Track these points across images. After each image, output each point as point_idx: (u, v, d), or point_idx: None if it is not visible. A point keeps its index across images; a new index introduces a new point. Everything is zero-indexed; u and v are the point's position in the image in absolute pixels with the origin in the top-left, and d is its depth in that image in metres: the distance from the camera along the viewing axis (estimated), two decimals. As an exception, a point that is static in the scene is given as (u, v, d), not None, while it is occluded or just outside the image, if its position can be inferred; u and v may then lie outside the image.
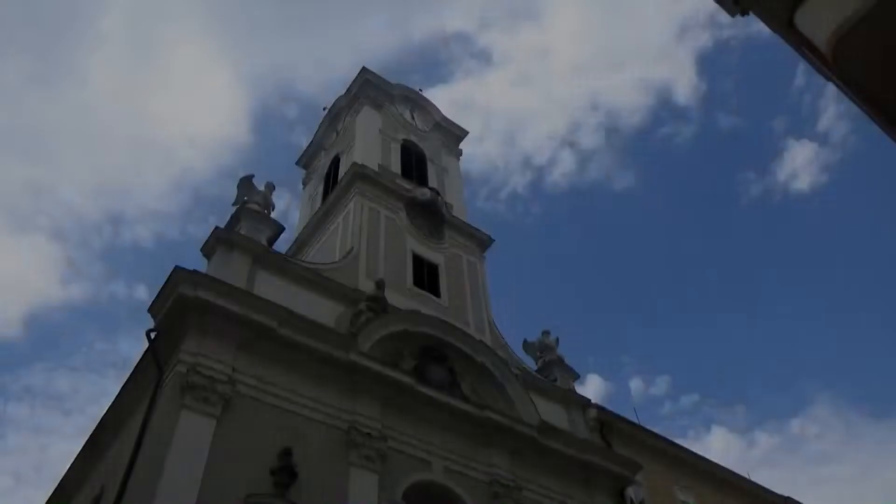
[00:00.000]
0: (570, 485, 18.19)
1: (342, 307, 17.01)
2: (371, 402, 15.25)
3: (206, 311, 13.64)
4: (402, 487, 14.59)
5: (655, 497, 21.38)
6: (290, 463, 12.90)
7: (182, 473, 11.62)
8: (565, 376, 21.86)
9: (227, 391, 13.09)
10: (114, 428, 15.29)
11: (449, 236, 22.55)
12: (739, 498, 24.64)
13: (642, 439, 22.42)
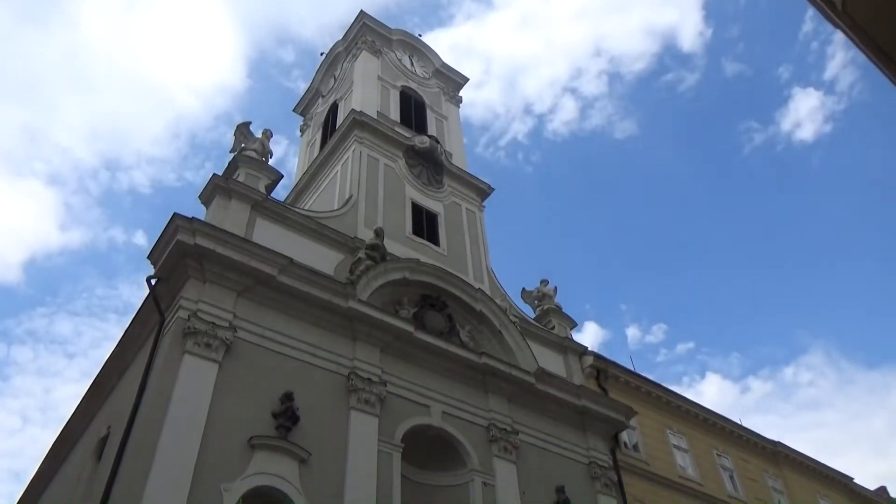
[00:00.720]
0: (566, 429, 18.66)
1: (341, 255, 17.08)
2: (370, 349, 15.48)
3: (205, 258, 13.70)
4: (401, 431, 14.95)
5: (648, 441, 21.97)
6: (291, 406, 13.19)
7: (186, 416, 11.89)
8: (562, 324, 22.14)
9: (228, 337, 13.27)
10: (118, 371, 15.57)
11: (448, 185, 22.46)
12: (730, 442, 25.33)
13: (637, 386, 22.88)
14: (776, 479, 26.18)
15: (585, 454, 18.55)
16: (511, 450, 16.59)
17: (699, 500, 21.72)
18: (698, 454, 23.49)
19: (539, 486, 16.62)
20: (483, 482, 15.56)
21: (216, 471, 11.67)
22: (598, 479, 18.19)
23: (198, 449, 11.63)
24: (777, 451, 26.88)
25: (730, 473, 24.23)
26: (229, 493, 11.58)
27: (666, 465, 21.79)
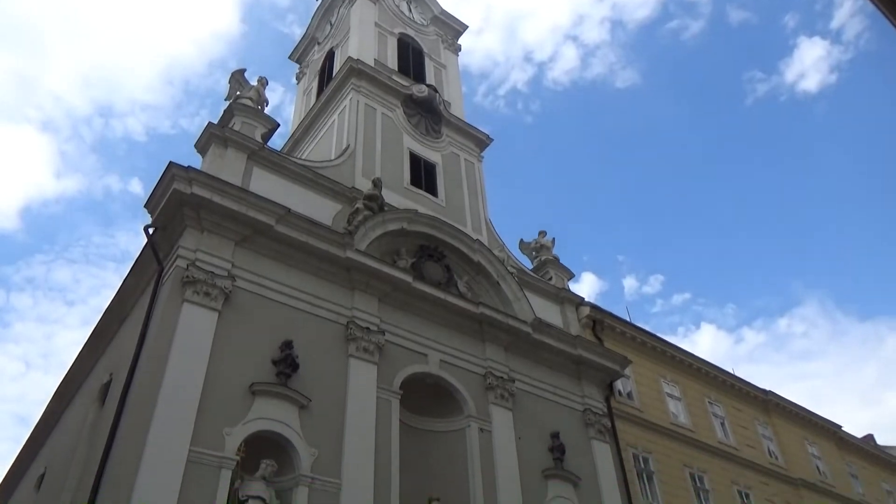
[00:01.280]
0: (562, 378, 18.98)
1: (339, 205, 17.04)
2: (369, 298, 15.59)
3: (202, 208, 13.65)
4: (399, 378, 15.20)
5: (642, 389, 22.38)
6: (291, 354, 13.36)
7: (187, 363, 12.05)
8: (560, 275, 22.27)
9: (227, 286, 13.34)
10: (118, 319, 15.71)
11: (446, 135, 22.24)
12: (722, 391, 25.81)
13: (632, 336, 23.18)
14: (766, 426, 26.79)
15: (580, 402, 18.93)
16: (507, 397, 16.90)
17: (690, 446, 22.26)
18: (691, 402, 23.96)
19: (534, 432, 17.00)
20: (479, 428, 15.90)
21: (218, 415, 11.90)
22: (592, 425, 18.60)
23: (199, 394, 11.84)
24: (768, 400, 27.44)
25: (721, 421, 24.77)
26: (231, 436, 11.83)
27: (659, 412, 22.25)
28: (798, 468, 26.20)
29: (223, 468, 11.46)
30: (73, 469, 13.81)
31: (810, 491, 25.67)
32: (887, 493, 31.64)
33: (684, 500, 20.45)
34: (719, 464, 22.85)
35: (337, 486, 12.59)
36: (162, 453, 10.91)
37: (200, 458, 11.28)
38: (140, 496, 10.33)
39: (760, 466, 24.46)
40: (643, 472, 20.03)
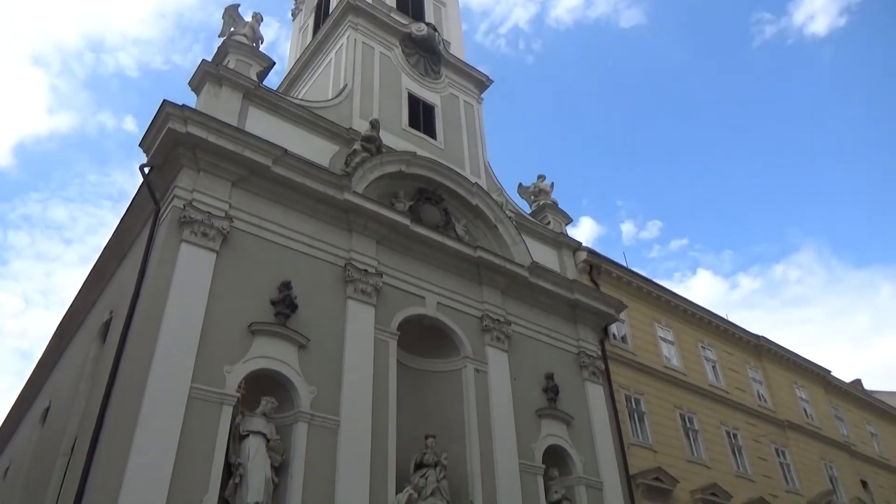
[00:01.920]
0: (558, 321, 19.22)
1: (336, 147, 16.85)
2: (367, 241, 15.61)
3: (198, 148, 13.48)
4: (397, 320, 15.37)
5: (636, 333, 22.71)
6: (289, 295, 13.46)
7: (186, 302, 12.14)
8: (558, 220, 22.28)
9: (224, 226, 13.31)
10: (116, 258, 15.76)
11: (446, 76, 21.81)
12: (715, 336, 26.21)
13: (628, 281, 23.36)
14: (756, 370, 27.32)
15: (575, 344, 19.22)
16: (503, 339, 17.15)
17: (682, 388, 22.74)
18: (684, 346, 24.36)
19: (529, 374, 17.33)
20: (476, 369, 16.19)
21: (218, 353, 12.07)
22: (587, 367, 18.94)
23: (199, 333, 11.97)
24: (760, 345, 27.89)
25: (713, 364, 25.24)
26: (231, 374, 12.04)
27: (652, 355, 22.63)
28: (786, 410, 26.85)
29: (224, 404, 11.70)
30: (76, 404, 14.10)
31: (796, 432, 26.39)
32: (871, 435, 32.56)
33: (674, 440, 21.03)
34: (709, 405, 23.40)
35: (336, 422, 12.89)
36: (164, 389, 11.11)
37: (201, 394, 11.50)
38: (143, 430, 10.58)
39: (749, 408, 25.07)
40: (634, 412, 20.52)
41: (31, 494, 15.18)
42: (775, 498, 22.85)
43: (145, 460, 10.38)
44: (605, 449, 17.78)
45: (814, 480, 25.44)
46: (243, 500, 11.29)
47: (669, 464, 19.90)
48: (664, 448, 20.40)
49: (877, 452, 31.83)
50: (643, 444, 19.94)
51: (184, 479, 10.62)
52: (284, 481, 11.93)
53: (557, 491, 16.14)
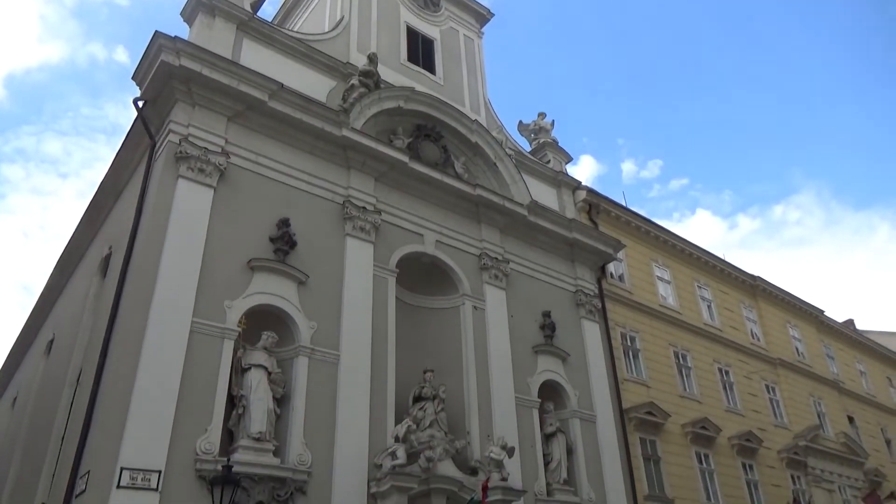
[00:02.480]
0: (555, 259, 19.33)
1: (333, 82, 16.52)
2: (365, 178, 15.50)
3: (192, 81, 13.20)
4: (395, 258, 15.43)
5: (634, 272, 22.87)
6: (288, 232, 13.47)
7: (185, 238, 12.15)
8: (558, 158, 22.10)
9: (221, 162, 13.18)
10: (114, 193, 15.68)
11: (445, 8, 21.18)
12: (711, 275, 26.42)
13: (627, 220, 23.36)
14: (751, 309, 27.65)
15: (573, 283, 19.38)
16: (501, 277, 17.28)
17: (676, 326, 23.08)
18: (680, 285, 24.58)
19: (526, 311, 17.55)
20: (473, 306, 16.37)
21: (218, 289, 12.17)
22: (583, 305, 19.16)
23: (199, 268, 12.03)
24: (755, 285, 28.15)
25: (708, 304, 25.53)
26: (232, 309, 12.17)
27: (649, 294, 22.86)
28: (778, 349, 27.35)
29: (226, 339, 11.88)
30: (80, 336, 14.32)
31: (787, 369, 26.95)
32: (860, 373, 33.29)
33: (667, 376, 21.48)
34: (703, 343, 23.80)
35: (336, 357, 13.13)
36: (165, 323, 11.26)
37: (203, 328, 11.66)
38: (147, 363, 10.78)
39: (742, 346, 25.51)
40: (630, 349, 20.88)
41: (39, 423, 15.60)
42: (763, 432, 23.53)
43: (150, 391, 10.61)
44: (599, 384, 18.19)
45: (802, 415, 26.15)
46: (247, 430, 11.61)
47: (662, 399, 20.39)
48: (657, 384, 20.86)
49: (864, 389, 32.60)
50: (637, 379, 20.38)
51: (188, 409, 10.89)
52: (286, 412, 12.24)
53: (552, 423, 16.60)
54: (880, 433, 31.66)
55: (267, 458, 11.41)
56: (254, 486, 10.96)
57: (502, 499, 13.39)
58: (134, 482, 9.92)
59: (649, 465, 18.95)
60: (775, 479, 22.94)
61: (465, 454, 14.41)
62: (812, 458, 24.74)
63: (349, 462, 12.32)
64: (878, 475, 28.16)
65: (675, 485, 19.22)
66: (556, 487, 15.72)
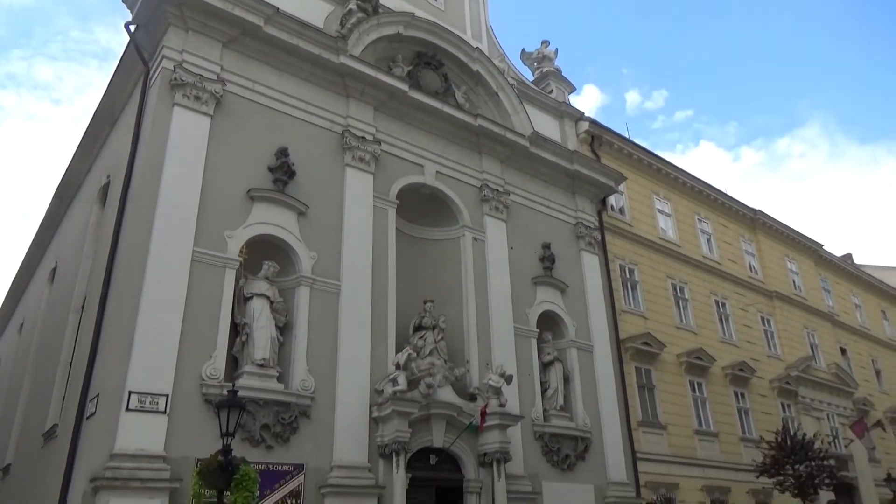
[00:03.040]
0: (556, 191, 19.25)
1: (330, 6, 15.98)
2: (364, 107, 15.24)
3: (184, 5, 12.75)
4: (395, 188, 15.36)
5: (634, 205, 22.82)
6: (287, 162, 13.35)
7: (183, 167, 12.04)
8: (561, 88, 21.69)
9: (217, 90, 12.92)
10: (109, 121, 15.45)
11: (447, -72, 20.27)
12: (712, 208, 26.38)
13: (629, 152, 23.13)
14: (750, 243, 27.75)
15: (573, 215, 19.37)
16: (501, 209, 17.25)
17: (675, 258, 23.21)
18: (680, 218, 24.57)
19: (526, 243, 17.61)
20: (473, 237, 16.41)
21: (218, 219, 12.16)
22: (583, 237, 19.22)
23: (198, 198, 11.98)
24: (756, 219, 28.13)
25: (707, 237, 25.59)
26: (233, 239, 12.20)
27: (648, 227, 22.89)
28: (775, 282, 27.59)
29: (227, 268, 11.96)
30: (82, 265, 14.42)
31: (783, 302, 27.27)
32: (855, 306, 33.72)
33: (664, 308, 21.76)
34: (701, 276, 23.99)
35: (336, 287, 13.26)
36: (166, 253, 11.30)
37: (204, 258, 11.71)
38: (150, 291, 10.89)
39: (739, 279, 25.73)
40: (628, 281, 21.07)
41: (47, 348, 15.93)
42: (757, 362, 24.03)
43: (154, 318, 10.76)
44: (597, 315, 18.45)
45: (795, 347, 26.64)
46: (251, 357, 11.86)
47: (658, 330, 20.73)
48: (654, 315, 21.16)
49: (858, 322, 33.10)
50: (634, 311, 20.65)
51: (193, 336, 11.08)
52: (289, 340, 12.46)
53: (550, 353, 16.94)
54: (871, 364, 32.36)
55: (271, 384, 11.71)
56: (259, 410, 11.30)
57: (500, 424, 13.82)
58: (142, 405, 10.21)
59: (644, 393, 19.45)
60: (766, 407, 23.59)
61: (465, 381, 14.77)
62: (803, 387, 25.36)
63: (351, 388, 12.64)
64: (867, 404, 28.95)
65: (668, 412, 19.79)
66: (553, 413, 16.18)
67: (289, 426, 11.61)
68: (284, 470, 11.35)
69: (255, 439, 11.15)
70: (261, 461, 10.79)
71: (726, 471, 20.46)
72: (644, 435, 18.65)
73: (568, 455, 15.82)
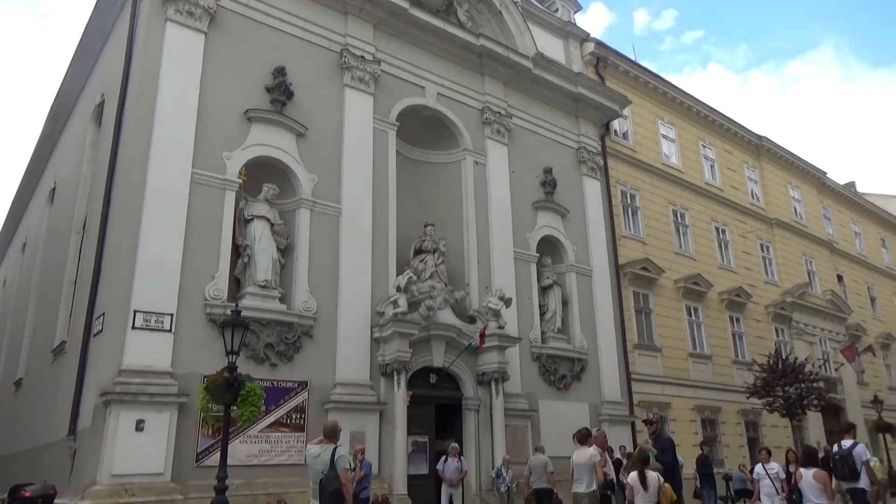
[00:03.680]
0: (559, 115, 18.93)
1: (327, -85, 15.22)
2: (363, 25, 14.78)
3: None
4: (396, 110, 15.08)
5: (638, 129, 22.50)
6: (284, 81, 13.05)
7: (179, 86, 11.78)
8: (566, 7, 21.01)
9: (210, 4, 12.45)
10: (101, 37, 14.99)
11: None
12: (717, 134, 26.02)
13: (635, 75, 22.60)
14: (754, 169, 27.52)
15: (576, 139, 19.13)
16: (503, 132, 17.01)
17: (677, 185, 23.08)
18: (684, 144, 24.27)
19: (528, 167, 17.47)
20: (475, 161, 16.27)
21: (216, 140, 12.00)
22: (585, 162, 19.05)
23: (195, 118, 11.78)
24: (761, 145, 27.79)
25: (711, 163, 25.36)
26: (231, 160, 12.09)
27: (652, 152, 22.64)
28: (776, 209, 27.53)
29: (227, 190, 11.91)
30: (81, 185, 14.36)
31: (782, 229, 27.32)
32: (855, 234, 33.80)
33: (664, 234, 21.81)
34: (702, 202, 23.93)
35: (337, 209, 13.24)
36: (165, 174, 11.21)
37: (203, 179, 11.64)
38: (150, 212, 10.88)
39: (741, 206, 25.67)
40: (629, 207, 21.04)
41: (50, 268, 16.10)
42: (753, 288, 24.30)
43: (156, 239, 10.80)
44: (597, 240, 18.52)
45: (793, 273, 26.88)
46: (253, 278, 12.00)
47: (657, 255, 20.86)
48: (654, 241, 21.24)
49: (857, 250, 33.27)
50: (634, 236, 20.71)
51: (195, 257, 11.16)
52: (290, 262, 12.57)
53: (549, 277, 17.11)
54: (866, 291, 32.75)
55: (273, 305, 11.89)
56: (262, 330, 11.52)
57: (498, 345, 14.13)
58: (148, 324, 10.40)
59: (640, 317, 19.77)
60: (760, 331, 24.03)
61: (464, 304, 14.99)
62: (797, 312, 25.76)
63: (353, 309, 12.84)
64: (859, 330, 29.49)
65: (664, 335, 20.18)
66: (551, 335, 16.51)
67: (292, 345, 11.87)
68: (289, 387, 11.70)
69: (259, 358, 11.42)
70: (265, 378, 11.08)
71: (718, 391, 21.07)
72: (639, 357, 19.10)
73: (564, 375, 16.25)
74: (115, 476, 9.46)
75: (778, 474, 10.69)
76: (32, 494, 9.15)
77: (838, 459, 8.47)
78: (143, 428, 9.83)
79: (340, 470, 5.62)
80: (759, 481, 10.70)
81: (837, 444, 8.88)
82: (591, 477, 7.13)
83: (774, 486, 10.40)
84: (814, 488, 7.02)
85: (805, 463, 7.38)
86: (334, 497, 5.64)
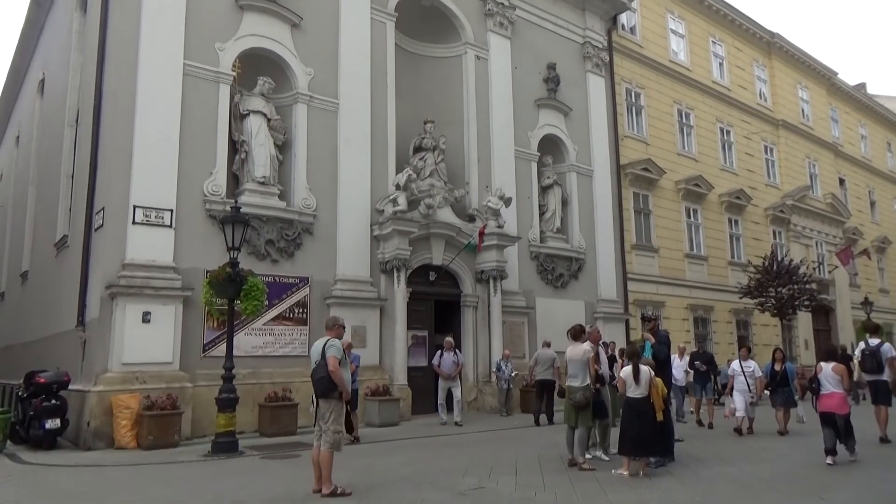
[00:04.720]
0: (565, 8, 18.13)
1: None
2: None
3: None
4: (394, 0, 14.39)
5: (647, 24, 21.62)
6: (277, -34, 12.37)
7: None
8: None
9: None
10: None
11: None
12: (728, 31, 25.03)
13: (647, -36, 21.43)
14: (763, 68, 26.69)
15: (581, 34, 18.42)
16: (506, 25, 16.35)
17: (684, 83, 22.46)
18: (694, 40, 23.41)
19: (531, 63, 16.92)
20: (476, 55, 15.73)
21: (207, 30, 11.53)
22: (590, 58, 18.43)
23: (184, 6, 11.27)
24: (773, 43, 26.80)
25: (720, 61, 24.56)
26: (224, 52, 11.66)
27: (660, 49, 21.87)
28: (783, 110, 26.94)
29: (221, 83, 11.56)
30: (71, 77, 13.93)
31: (788, 131, 26.86)
32: (861, 137, 33.28)
33: (667, 134, 21.47)
34: (708, 102, 23.38)
35: (335, 105, 12.94)
36: (157, 65, 10.85)
37: (196, 71, 11.28)
38: (143, 104, 10.62)
39: (747, 106, 25.10)
40: (633, 106, 20.57)
41: (46, 161, 15.92)
42: (754, 190, 24.21)
43: (151, 133, 10.60)
44: (599, 140, 18.25)
45: (795, 176, 26.69)
46: (251, 175, 11.90)
47: (659, 156, 20.62)
48: (657, 141, 20.93)
49: (861, 153, 32.86)
50: (637, 136, 20.39)
51: (191, 152, 11.00)
52: (289, 159, 12.42)
53: (549, 176, 17.00)
54: (867, 195, 32.65)
55: (273, 201, 11.86)
56: (263, 226, 11.56)
57: (498, 244, 14.24)
58: (148, 219, 10.41)
59: (640, 218, 19.82)
60: (758, 234, 24.18)
61: (464, 203, 14.97)
62: (796, 215, 25.81)
63: (352, 207, 12.83)
64: (856, 233, 29.64)
65: (662, 236, 20.31)
66: (550, 235, 16.61)
67: (292, 242, 11.95)
68: (290, 282, 11.89)
69: (260, 253, 11.53)
70: (267, 273, 11.23)
71: (712, 291, 21.48)
72: (637, 257, 19.31)
73: (562, 274, 16.49)
74: (125, 364, 9.80)
75: (754, 372, 11.05)
76: (47, 381, 9.50)
77: (868, 355, 9.68)
78: (149, 320, 10.07)
79: (329, 357, 5.87)
80: (734, 377, 11.11)
81: (865, 341, 10.06)
82: (585, 372, 7.37)
83: (747, 383, 10.80)
84: (832, 378, 7.94)
85: (826, 358, 8.29)
86: (320, 383, 5.95)
